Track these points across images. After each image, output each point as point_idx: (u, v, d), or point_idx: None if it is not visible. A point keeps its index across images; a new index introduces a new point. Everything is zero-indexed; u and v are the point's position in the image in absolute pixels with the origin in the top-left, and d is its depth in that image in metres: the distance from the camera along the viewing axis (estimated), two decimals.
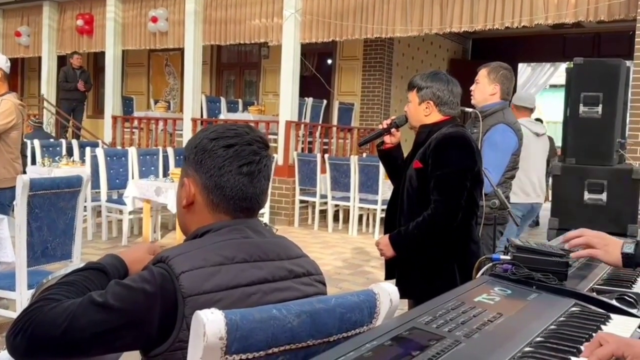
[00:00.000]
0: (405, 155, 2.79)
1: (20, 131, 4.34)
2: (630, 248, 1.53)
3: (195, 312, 1.02)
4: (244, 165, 1.33)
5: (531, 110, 5.04)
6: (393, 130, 2.73)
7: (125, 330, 1.16)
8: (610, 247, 1.55)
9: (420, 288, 2.49)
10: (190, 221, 1.39)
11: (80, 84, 10.64)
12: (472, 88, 3.33)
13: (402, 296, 2.48)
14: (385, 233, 2.75)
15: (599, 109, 4.09)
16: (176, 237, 6.40)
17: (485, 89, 3.26)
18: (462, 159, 2.49)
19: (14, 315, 3.28)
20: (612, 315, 1.31)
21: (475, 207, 2.60)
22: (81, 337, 1.15)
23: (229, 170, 1.33)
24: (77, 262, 3.53)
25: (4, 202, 4.18)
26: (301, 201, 8.63)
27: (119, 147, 9.59)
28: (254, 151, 1.35)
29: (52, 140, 9.08)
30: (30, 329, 1.16)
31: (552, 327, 1.19)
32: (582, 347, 1.06)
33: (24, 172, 4.27)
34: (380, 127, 2.77)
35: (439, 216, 2.46)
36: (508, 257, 1.57)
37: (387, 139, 2.76)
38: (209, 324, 1.00)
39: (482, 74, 3.29)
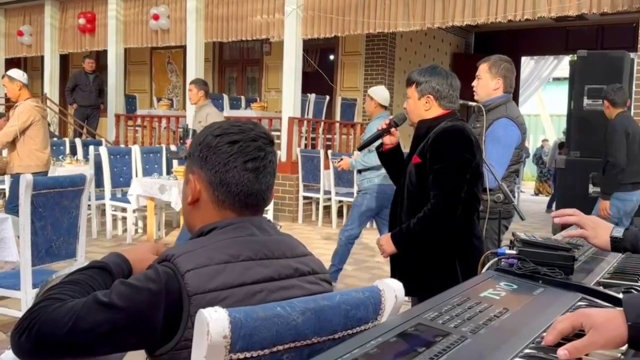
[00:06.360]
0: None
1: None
2: (619, 232, 1.55)
3: (199, 310, 1.02)
4: (249, 161, 1.32)
5: None
6: (392, 129, 2.72)
7: (130, 330, 1.16)
8: (600, 230, 1.58)
9: (422, 285, 2.48)
10: (196, 218, 1.38)
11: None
12: (473, 84, 3.23)
13: (405, 293, 2.48)
14: (389, 232, 2.74)
15: None
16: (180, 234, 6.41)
17: (487, 84, 3.16)
18: (460, 153, 2.48)
19: (19, 314, 3.29)
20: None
21: (477, 202, 2.58)
22: (86, 337, 1.14)
23: (234, 166, 1.32)
24: (81, 260, 3.53)
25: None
26: (305, 197, 8.62)
27: (122, 146, 9.60)
28: (258, 147, 1.34)
29: (55, 139, 9.07)
30: (35, 329, 1.15)
31: None
32: None
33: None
34: (379, 128, 2.74)
35: (438, 210, 2.45)
36: (513, 252, 1.56)
37: (387, 139, 2.74)
38: (213, 322, 0.99)
39: (483, 69, 3.19)
